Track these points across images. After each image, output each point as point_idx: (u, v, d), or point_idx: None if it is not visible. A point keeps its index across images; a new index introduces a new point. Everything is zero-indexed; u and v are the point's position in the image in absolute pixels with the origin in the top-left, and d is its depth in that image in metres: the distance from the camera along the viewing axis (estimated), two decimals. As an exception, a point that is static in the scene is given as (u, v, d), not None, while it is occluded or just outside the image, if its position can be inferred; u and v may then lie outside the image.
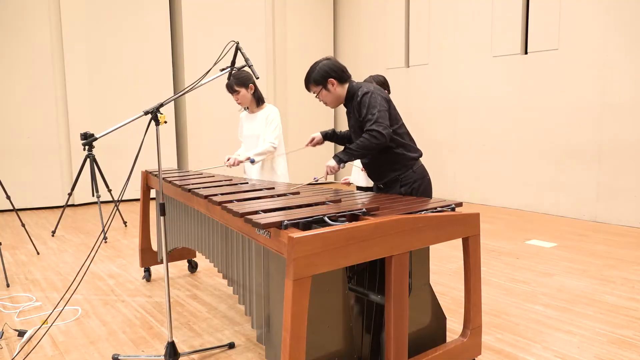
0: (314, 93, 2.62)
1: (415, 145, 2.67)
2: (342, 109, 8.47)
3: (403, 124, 2.63)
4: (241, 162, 3.36)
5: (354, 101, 2.58)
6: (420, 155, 2.66)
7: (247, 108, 3.53)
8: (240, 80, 3.36)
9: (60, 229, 5.54)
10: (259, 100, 3.48)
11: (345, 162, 2.53)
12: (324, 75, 2.54)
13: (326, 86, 2.56)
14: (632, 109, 5.13)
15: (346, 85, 2.60)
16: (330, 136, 2.87)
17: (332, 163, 2.55)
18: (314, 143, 2.87)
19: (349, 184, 3.55)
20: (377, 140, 2.42)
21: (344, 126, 8.55)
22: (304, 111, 8.58)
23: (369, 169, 2.72)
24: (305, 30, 8.49)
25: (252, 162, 3.35)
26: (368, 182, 3.13)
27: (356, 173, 3.54)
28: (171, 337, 2.34)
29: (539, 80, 5.88)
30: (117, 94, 7.08)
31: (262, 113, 3.48)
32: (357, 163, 3.37)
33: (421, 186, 2.61)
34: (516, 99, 6.15)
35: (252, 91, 3.43)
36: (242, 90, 3.39)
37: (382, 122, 2.43)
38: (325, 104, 2.64)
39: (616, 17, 5.17)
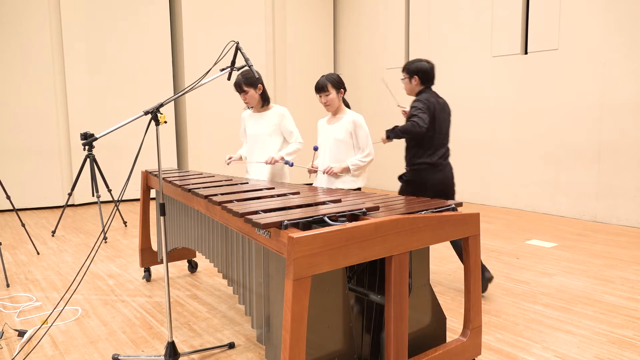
0: (402, 75, 3.35)
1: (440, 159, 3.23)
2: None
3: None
4: (277, 161, 3.34)
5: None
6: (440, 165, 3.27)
7: (252, 108, 3.53)
8: (249, 81, 3.36)
9: (60, 229, 5.55)
10: (265, 100, 3.48)
11: (391, 139, 3.14)
12: (414, 71, 3.28)
13: (410, 80, 3.31)
14: (632, 109, 5.13)
15: (421, 87, 3.28)
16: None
17: (383, 135, 3.19)
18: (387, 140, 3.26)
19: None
20: (414, 128, 3.04)
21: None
22: (303, 111, 8.58)
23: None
24: (305, 30, 8.49)
25: (290, 164, 3.35)
26: (329, 185, 3.16)
27: (321, 177, 3.37)
28: (171, 337, 2.34)
29: (539, 80, 5.88)
30: (117, 94, 7.08)
31: (272, 113, 3.47)
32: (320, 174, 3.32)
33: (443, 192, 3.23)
34: (516, 99, 6.15)
35: (260, 92, 3.43)
36: (251, 91, 3.38)
37: (423, 117, 3.05)
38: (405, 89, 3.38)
39: (616, 17, 5.17)
